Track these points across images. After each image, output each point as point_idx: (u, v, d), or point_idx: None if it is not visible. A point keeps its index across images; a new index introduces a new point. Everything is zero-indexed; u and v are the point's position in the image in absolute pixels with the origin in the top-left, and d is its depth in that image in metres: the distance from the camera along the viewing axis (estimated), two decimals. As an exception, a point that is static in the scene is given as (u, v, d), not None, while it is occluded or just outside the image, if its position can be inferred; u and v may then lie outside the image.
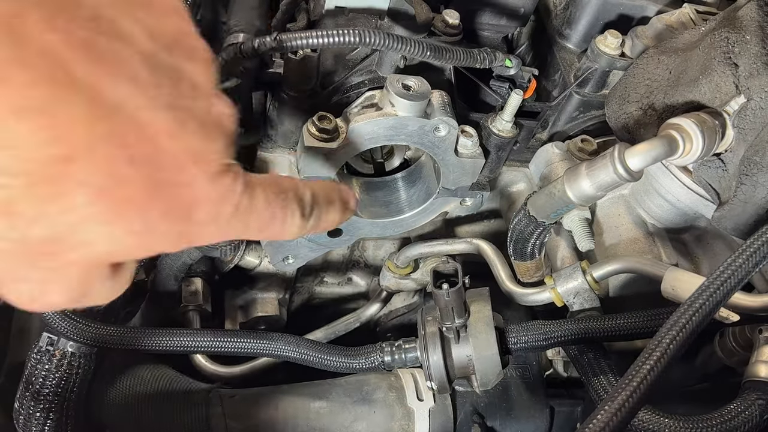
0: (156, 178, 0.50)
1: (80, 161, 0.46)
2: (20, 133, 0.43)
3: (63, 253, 0.49)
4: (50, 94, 0.44)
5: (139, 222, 0.50)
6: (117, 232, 0.50)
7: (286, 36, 0.85)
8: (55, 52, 0.44)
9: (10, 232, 0.47)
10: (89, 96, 0.46)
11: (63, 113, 0.45)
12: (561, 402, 1.14)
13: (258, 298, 1.25)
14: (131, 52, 0.49)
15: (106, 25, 0.48)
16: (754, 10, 0.86)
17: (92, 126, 0.46)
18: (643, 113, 0.94)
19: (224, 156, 0.54)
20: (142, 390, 1.02)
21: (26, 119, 0.43)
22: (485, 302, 0.93)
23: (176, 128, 0.50)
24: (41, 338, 0.93)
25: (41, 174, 0.45)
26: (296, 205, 0.63)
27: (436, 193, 1.02)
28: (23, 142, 0.44)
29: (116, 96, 0.47)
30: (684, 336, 0.69)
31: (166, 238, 0.53)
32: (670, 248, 1.02)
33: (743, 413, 0.84)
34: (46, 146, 0.45)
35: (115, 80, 0.47)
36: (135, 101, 0.48)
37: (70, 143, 0.45)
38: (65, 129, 0.45)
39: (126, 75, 0.48)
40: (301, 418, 1.02)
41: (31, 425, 0.92)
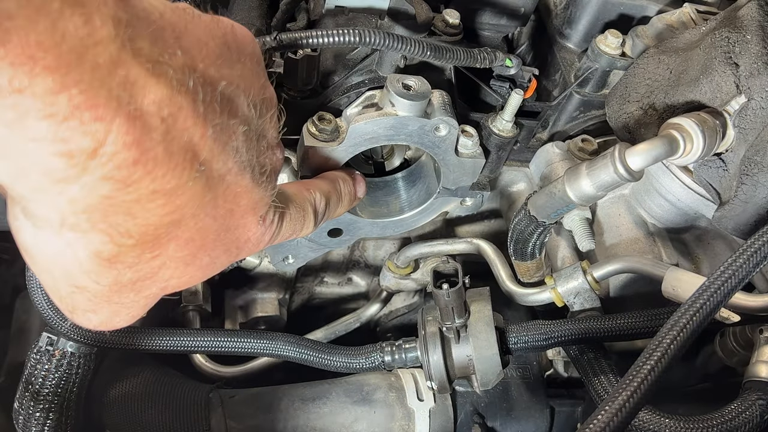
0: (226, 227, 0.58)
1: (182, 223, 0.53)
2: (148, 208, 0.49)
3: (142, 292, 0.56)
4: (181, 181, 0.50)
5: (207, 261, 0.59)
6: (190, 272, 0.58)
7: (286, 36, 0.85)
8: (193, 143, 0.50)
9: (106, 278, 0.53)
10: (207, 177, 0.53)
11: (185, 193, 0.51)
12: (561, 402, 1.14)
13: (258, 298, 1.25)
14: (239, 127, 0.55)
15: (230, 107, 0.54)
16: (754, 9, 0.86)
17: (202, 200, 0.53)
18: (643, 113, 0.94)
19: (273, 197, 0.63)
20: (142, 390, 1.01)
21: (157, 199, 0.49)
22: (485, 302, 0.93)
23: (252, 186, 0.58)
24: (41, 338, 0.93)
25: (152, 235, 0.52)
26: (312, 217, 0.71)
27: (436, 193, 1.02)
28: (147, 215, 0.50)
29: (223, 170, 0.54)
30: (685, 336, 0.69)
31: (221, 266, 0.61)
32: (670, 248, 1.02)
33: (744, 413, 0.84)
34: (164, 217, 0.51)
35: (226, 157, 0.54)
36: (233, 171, 0.55)
37: (182, 213, 0.52)
38: (182, 204, 0.52)
39: (232, 149, 0.55)
40: (302, 418, 1.02)
41: (31, 425, 0.92)
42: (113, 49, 0.43)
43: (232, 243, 0.60)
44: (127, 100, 0.44)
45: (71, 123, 0.42)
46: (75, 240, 0.50)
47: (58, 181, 0.44)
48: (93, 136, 0.43)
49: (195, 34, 0.52)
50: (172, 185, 0.49)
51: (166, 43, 0.48)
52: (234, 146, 0.54)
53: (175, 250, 0.54)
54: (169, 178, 0.48)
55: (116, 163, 0.45)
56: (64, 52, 0.40)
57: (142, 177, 0.47)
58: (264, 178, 0.59)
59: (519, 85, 1.04)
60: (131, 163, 0.45)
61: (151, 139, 0.46)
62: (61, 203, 0.46)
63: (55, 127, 0.42)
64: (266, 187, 0.60)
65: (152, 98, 0.46)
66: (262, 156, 0.59)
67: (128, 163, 0.45)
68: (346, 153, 0.92)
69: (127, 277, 0.53)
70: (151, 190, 0.48)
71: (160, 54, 0.47)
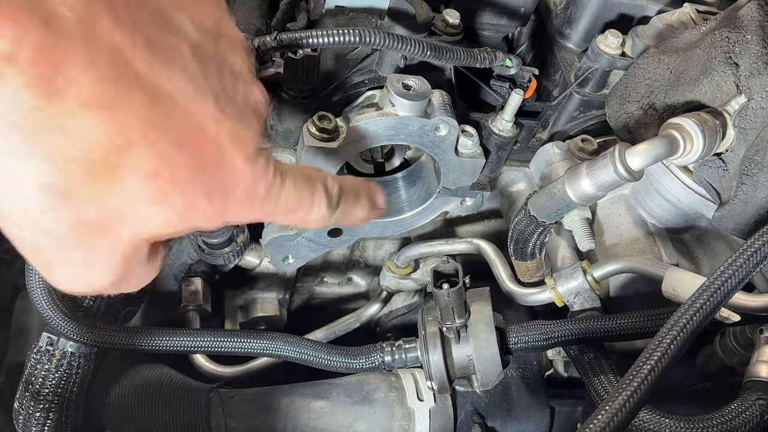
0: (199, 161, 0.54)
1: (136, 149, 0.50)
2: (86, 125, 0.47)
3: (110, 234, 0.53)
4: (116, 91, 0.48)
5: (182, 202, 0.54)
6: (161, 212, 0.54)
7: (286, 36, 0.85)
8: (121, 50, 0.48)
9: (64, 215, 0.50)
10: (149, 90, 0.50)
11: (125, 107, 0.49)
12: (561, 402, 1.14)
13: (258, 298, 1.25)
14: (183, 45, 0.53)
15: (163, 20, 0.52)
16: (754, 9, 0.86)
17: (149, 117, 0.50)
18: (643, 113, 0.94)
19: (259, 140, 0.58)
20: (142, 390, 1.01)
21: (93, 113, 0.47)
22: (486, 302, 0.93)
23: (219, 114, 0.54)
24: (41, 338, 0.93)
25: (100, 161, 0.49)
26: (323, 195, 0.66)
27: (436, 193, 1.02)
28: (87, 133, 0.48)
29: (170, 88, 0.51)
30: (685, 336, 0.69)
31: (204, 216, 0.56)
32: (670, 248, 1.02)
33: (744, 413, 0.84)
34: (107, 136, 0.49)
35: (170, 73, 0.51)
36: (185, 91, 0.52)
37: (129, 133, 0.50)
38: (126, 120, 0.49)
39: (179, 67, 0.52)
40: (302, 418, 1.02)
41: (31, 425, 0.92)
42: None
43: (214, 185, 0.55)
44: (40, 4, 0.44)
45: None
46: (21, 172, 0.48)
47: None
48: (8, 39, 0.43)
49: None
50: (106, 96, 0.48)
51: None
52: (181, 65, 0.52)
53: (138, 185, 0.51)
54: (99, 87, 0.47)
55: (36, 70, 0.44)
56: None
57: (66, 84, 0.46)
58: (236, 112, 0.56)
59: (519, 85, 1.04)
60: (51, 67, 0.45)
61: (69, 42, 0.45)
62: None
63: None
64: (243, 122, 0.56)
65: (65, 2, 0.45)
66: (229, 86, 0.56)
67: (48, 67, 0.45)
68: (346, 153, 0.92)
69: (89, 216, 0.51)
70: (81, 100, 0.47)
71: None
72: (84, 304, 0.97)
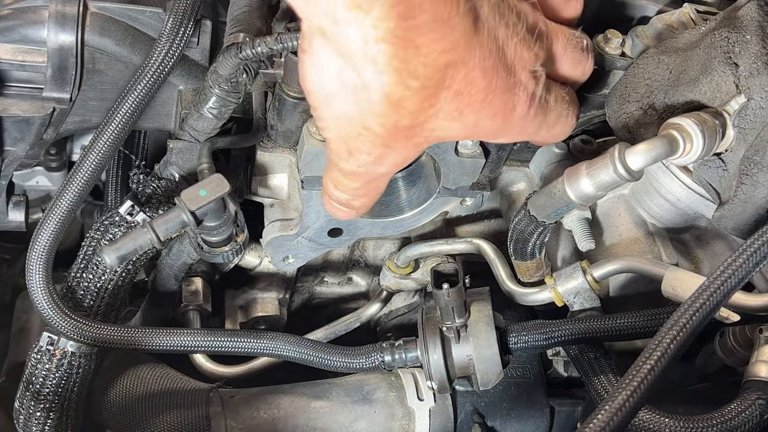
0: (492, 85, 0.65)
1: (455, 69, 0.61)
2: (430, 40, 0.58)
3: (412, 137, 0.66)
4: (452, 12, 0.59)
5: (471, 121, 0.66)
6: (454, 127, 0.66)
7: (287, 36, 0.85)
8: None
9: (390, 120, 0.63)
10: (473, 18, 0.61)
11: (458, 29, 0.60)
12: (561, 402, 1.14)
13: (258, 298, 1.25)
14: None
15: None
16: (754, 9, 0.86)
17: (470, 41, 0.61)
18: (643, 113, 0.94)
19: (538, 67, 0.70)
20: (142, 390, 1.02)
21: (437, 27, 0.58)
22: (485, 302, 0.93)
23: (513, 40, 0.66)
24: (41, 338, 0.93)
25: (431, 79, 0.61)
26: (576, 107, 0.80)
27: (436, 193, 1.02)
28: (428, 49, 0.59)
29: (484, 14, 0.62)
30: (684, 336, 0.69)
31: (484, 132, 0.69)
32: (670, 248, 1.02)
33: (743, 413, 0.84)
34: (441, 55, 0.60)
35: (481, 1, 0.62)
36: (492, 19, 0.63)
37: (456, 53, 0.60)
38: (455, 42, 0.60)
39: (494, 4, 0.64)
40: (302, 417, 1.02)
41: (32, 425, 0.92)
42: None
43: (498, 108, 0.67)
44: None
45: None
46: (372, 80, 0.60)
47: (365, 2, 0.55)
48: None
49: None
50: (446, 14, 0.58)
51: None
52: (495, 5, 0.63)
53: (446, 101, 0.63)
54: (443, 5, 0.57)
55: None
56: None
57: (420, 4, 0.56)
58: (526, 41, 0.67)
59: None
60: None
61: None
62: (367, 26, 0.56)
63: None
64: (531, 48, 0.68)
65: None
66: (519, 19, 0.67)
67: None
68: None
69: (404, 123, 0.63)
70: (431, 16, 0.57)
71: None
72: (84, 304, 0.97)
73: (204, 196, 0.84)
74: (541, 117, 0.73)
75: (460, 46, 0.60)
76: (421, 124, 0.64)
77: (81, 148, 1.38)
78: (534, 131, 0.75)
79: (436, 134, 0.67)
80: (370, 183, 0.75)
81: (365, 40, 0.58)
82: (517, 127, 0.71)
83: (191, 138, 1.00)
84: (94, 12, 0.95)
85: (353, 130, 0.65)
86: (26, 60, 0.93)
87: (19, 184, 1.40)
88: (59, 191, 0.93)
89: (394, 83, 0.60)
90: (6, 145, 0.97)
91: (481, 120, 0.67)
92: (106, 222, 0.98)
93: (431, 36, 0.58)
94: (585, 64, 0.81)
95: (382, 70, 0.59)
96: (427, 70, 0.60)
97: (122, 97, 0.94)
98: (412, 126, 0.64)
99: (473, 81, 0.63)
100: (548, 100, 0.73)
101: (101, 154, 0.93)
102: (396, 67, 0.59)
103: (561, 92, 0.76)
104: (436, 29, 0.58)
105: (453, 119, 0.65)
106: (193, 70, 1.03)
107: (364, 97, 0.62)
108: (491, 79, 0.65)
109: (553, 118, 0.75)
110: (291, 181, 1.04)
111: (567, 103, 0.77)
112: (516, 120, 0.70)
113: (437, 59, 0.60)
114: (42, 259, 0.91)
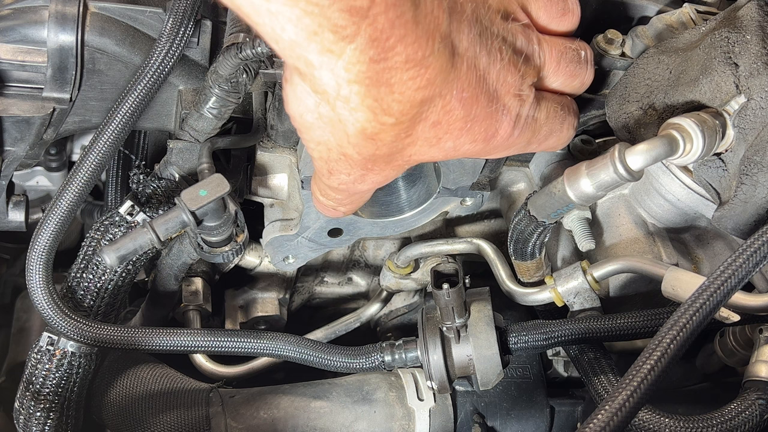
0: (471, 114, 0.66)
1: (432, 103, 0.62)
2: (404, 78, 0.59)
3: (392, 162, 0.67)
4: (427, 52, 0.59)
5: (451, 146, 0.67)
6: (432, 152, 0.67)
7: (287, 36, 0.85)
8: (434, 16, 0.59)
9: (367, 150, 0.64)
10: (449, 53, 0.61)
11: (433, 67, 0.60)
12: (561, 402, 1.14)
13: (258, 298, 1.25)
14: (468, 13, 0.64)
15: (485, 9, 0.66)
16: (754, 9, 0.86)
17: (447, 76, 0.62)
18: (643, 113, 0.94)
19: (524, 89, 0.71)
20: (142, 390, 1.02)
21: (411, 67, 0.59)
22: (485, 302, 0.93)
23: (493, 65, 0.66)
24: (41, 338, 0.93)
25: (407, 115, 0.61)
26: (573, 118, 0.80)
27: (436, 193, 1.02)
28: (402, 87, 0.59)
29: (461, 47, 0.62)
30: (684, 336, 0.69)
31: (464, 154, 0.70)
32: (670, 248, 1.02)
33: (743, 413, 0.84)
34: (416, 92, 0.60)
35: (460, 34, 0.63)
36: (470, 50, 0.63)
37: (432, 89, 0.61)
38: (431, 79, 0.60)
39: (468, 24, 0.64)
40: (302, 417, 1.02)
41: (32, 425, 0.92)
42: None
43: (479, 134, 0.68)
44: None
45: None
46: (346, 117, 0.61)
47: (340, 39, 0.55)
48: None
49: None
50: (420, 55, 0.58)
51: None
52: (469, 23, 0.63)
53: (423, 131, 0.64)
54: (416, 46, 0.58)
55: (380, 25, 0.55)
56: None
57: (397, 42, 0.57)
58: (512, 64, 0.68)
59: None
60: (389, 26, 0.55)
61: (405, 7, 0.56)
62: (339, 69, 0.57)
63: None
64: (517, 71, 0.68)
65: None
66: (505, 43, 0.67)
67: (388, 26, 0.55)
68: None
69: (382, 152, 0.65)
70: (404, 57, 0.57)
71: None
72: (84, 304, 0.97)
73: (204, 196, 0.84)
74: (529, 135, 0.73)
75: (436, 82, 0.61)
76: (400, 151, 0.66)
77: (81, 148, 1.38)
78: (523, 147, 0.76)
79: (414, 158, 0.68)
80: (353, 196, 0.76)
81: (338, 83, 0.59)
82: (501, 147, 0.72)
83: (191, 138, 1.00)
84: (94, 12, 0.95)
85: (332, 154, 0.67)
86: (26, 60, 0.93)
87: (19, 184, 1.40)
88: (59, 191, 0.93)
89: (368, 120, 0.61)
90: (6, 145, 0.97)
91: (461, 145, 0.68)
92: (106, 222, 0.98)
93: (405, 75, 0.59)
94: (583, 76, 0.81)
95: (355, 108, 0.60)
96: (402, 106, 0.60)
97: (122, 97, 0.94)
98: (390, 154, 0.65)
99: (451, 111, 0.64)
100: (537, 117, 0.73)
101: (101, 154, 0.93)
102: (369, 105, 0.60)
103: (554, 105, 0.76)
104: (410, 68, 0.58)
105: (431, 146, 0.66)
106: (193, 70, 1.03)
107: (340, 130, 0.63)
108: (470, 108, 0.65)
109: (544, 133, 0.76)
110: (291, 181, 1.04)
111: (561, 117, 0.77)
112: (499, 142, 0.71)
113: (412, 96, 0.60)
114: (42, 259, 0.91)
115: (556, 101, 0.78)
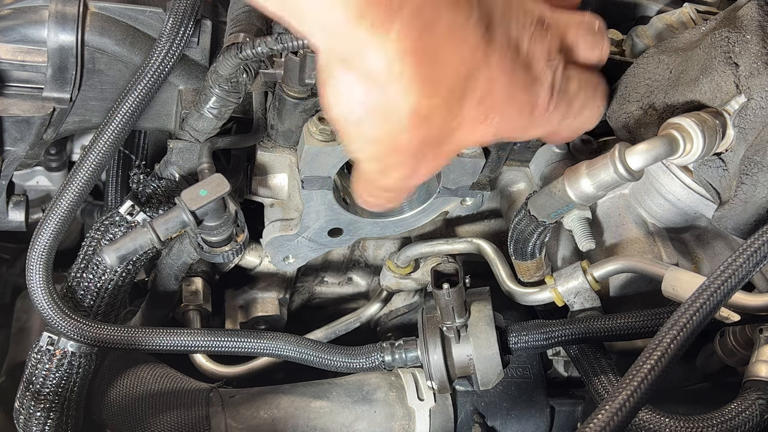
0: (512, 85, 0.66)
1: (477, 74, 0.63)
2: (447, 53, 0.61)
3: (441, 146, 0.67)
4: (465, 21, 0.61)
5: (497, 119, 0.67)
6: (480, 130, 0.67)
7: (287, 36, 0.85)
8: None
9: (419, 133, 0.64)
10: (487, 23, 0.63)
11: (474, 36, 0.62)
12: (561, 402, 1.14)
13: (258, 298, 1.25)
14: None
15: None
16: (754, 9, 0.86)
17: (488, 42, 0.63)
18: (643, 113, 0.94)
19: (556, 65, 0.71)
20: (142, 390, 1.02)
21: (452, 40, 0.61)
22: (486, 302, 0.93)
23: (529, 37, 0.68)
24: (41, 338, 0.93)
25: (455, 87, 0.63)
26: (602, 90, 0.78)
27: (436, 193, 1.02)
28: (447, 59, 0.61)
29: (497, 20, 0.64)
30: (685, 336, 0.69)
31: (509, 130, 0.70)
32: (670, 248, 1.02)
33: (743, 413, 0.84)
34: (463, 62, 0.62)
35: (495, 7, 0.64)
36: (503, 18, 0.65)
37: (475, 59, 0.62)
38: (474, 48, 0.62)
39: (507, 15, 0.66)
40: (302, 417, 1.02)
41: (32, 425, 0.92)
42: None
43: (522, 104, 0.68)
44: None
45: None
46: (398, 98, 0.61)
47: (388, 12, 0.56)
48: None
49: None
50: (462, 18, 0.60)
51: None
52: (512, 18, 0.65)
53: (470, 109, 0.64)
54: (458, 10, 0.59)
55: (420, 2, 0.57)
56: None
57: (436, 16, 0.58)
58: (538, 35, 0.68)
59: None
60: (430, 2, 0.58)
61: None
62: (390, 45, 0.58)
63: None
64: (544, 41, 0.69)
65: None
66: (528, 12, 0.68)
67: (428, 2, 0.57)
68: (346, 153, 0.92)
69: (433, 135, 0.64)
70: (446, 27, 0.59)
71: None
72: (84, 304, 0.97)
73: (204, 195, 0.84)
74: (564, 107, 0.73)
75: (478, 51, 0.62)
76: (450, 134, 0.66)
77: (81, 148, 1.38)
78: (560, 121, 0.75)
79: (463, 142, 0.68)
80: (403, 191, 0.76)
81: (389, 60, 0.59)
82: (541, 121, 0.72)
83: (191, 138, 1.00)
84: (94, 12, 0.95)
85: (384, 150, 0.66)
86: (26, 60, 0.93)
87: (19, 184, 1.40)
88: (59, 191, 0.93)
89: (421, 97, 0.61)
90: (6, 145, 0.97)
91: (507, 120, 0.68)
92: (106, 222, 0.98)
93: (451, 46, 0.60)
94: (601, 46, 0.80)
95: (407, 85, 0.60)
96: (450, 80, 0.62)
97: (122, 97, 0.94)
98: (441, 137, 0.66)
99: (494, 81, 0.65)
100: (569, 89, 0.73)
101: (101, 154, 0.93)
102: (421, 80, 0.60)
103: (582, 77, 0.76)
104: (454, 37, 0.60)
105: (480, 123, 0.66)
106: (193, 70, 1.03)
107: (392, 117, 0.63)
108: (511, 77, 0.66)
109: (578, 105, 0.76)
110: (291, 181, 1.04)
111: (591, 89, 0.77)
112: (539, 113, 0.71)
113: (459, 68, 0.61)
114: (42, 259, 0.91)
115: (583, 73, 0.78)
